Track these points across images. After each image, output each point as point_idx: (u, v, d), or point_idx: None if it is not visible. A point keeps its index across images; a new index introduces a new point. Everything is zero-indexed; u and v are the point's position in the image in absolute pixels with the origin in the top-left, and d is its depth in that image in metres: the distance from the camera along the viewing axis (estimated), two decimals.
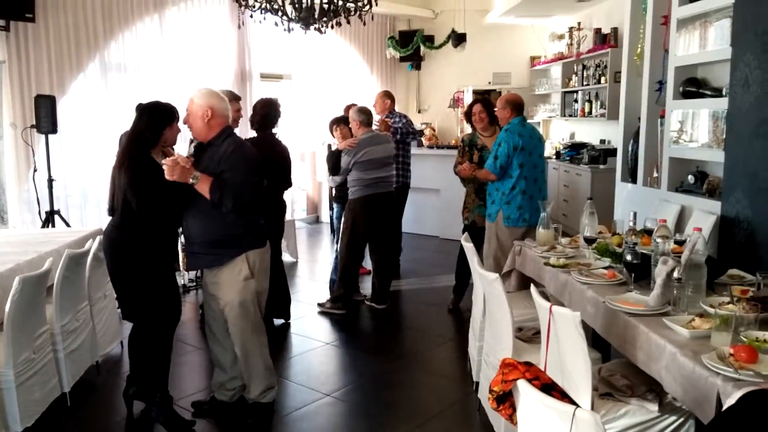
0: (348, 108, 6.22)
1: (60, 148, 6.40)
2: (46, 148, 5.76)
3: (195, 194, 3.04)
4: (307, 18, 4.55)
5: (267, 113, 4.49)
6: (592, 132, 8.34)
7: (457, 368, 4.09)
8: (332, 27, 4.73)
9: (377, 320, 5.08)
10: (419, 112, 10.49)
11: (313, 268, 7.02)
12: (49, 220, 5.76)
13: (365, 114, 5.12)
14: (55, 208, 5.84)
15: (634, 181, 5.70)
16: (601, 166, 7.31)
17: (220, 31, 7.79)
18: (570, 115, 8.80)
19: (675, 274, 2.41)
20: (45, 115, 5.62)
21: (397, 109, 6.76)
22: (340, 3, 4.58)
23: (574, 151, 8.12)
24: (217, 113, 3.11)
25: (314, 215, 9.70)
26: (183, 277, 5.82)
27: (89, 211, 6.89)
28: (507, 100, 4.65)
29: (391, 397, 3.71)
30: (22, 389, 2.96)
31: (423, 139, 8.96)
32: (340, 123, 5.35)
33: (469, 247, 3.57)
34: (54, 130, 5.71)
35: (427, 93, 10.52)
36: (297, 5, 4.52)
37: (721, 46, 4.52)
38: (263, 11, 4.58)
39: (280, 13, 4.55)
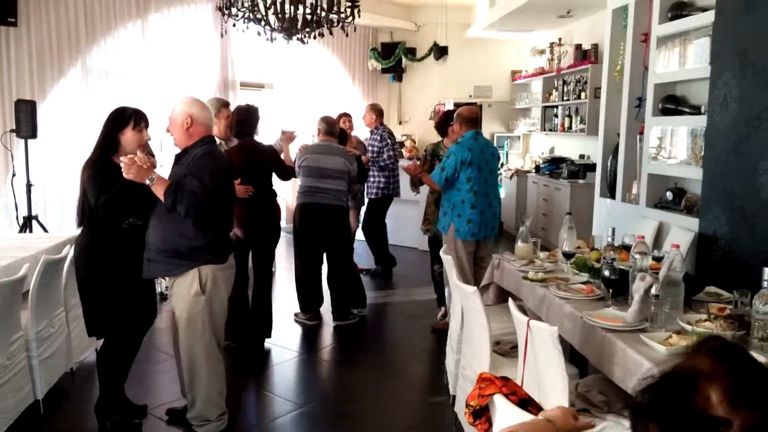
0: (339, 117, 6.28)
1: (39, 152, 6.32)
2: (26, 153, 5.68)
3: (156, 199, 2.97)
4: (290, 28, 4.55)
5: (243, 119, 4.45)
6: (572, 147, 8.43)
7: (433, 381, 4.09)
8: (315, 38, 4.75)
9: (354, 332, 5.06)
10: (400, 123, 10.53)
11: (291, 278, 6.96)
12: (26, 225, 5.68)
13: (325, 123, 5.17)
14: (33, 214, 5.76)
15: (612, 196, 5.76)
16: (581, 181, 7.39)
17: (203, 38, 7.76)
18: (550, 130, 8.89)
19: (653, 291, 2.44)
20: (25, 120, 5.55)
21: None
22: (323, 14, 4.59)
23: (554, 165, 8.19)
24: (197, 121, 3.05)
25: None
26: (160, 285, 5.76)
27: (67, 216, 6.80)
28: (458, 113, 4.69)
29: (366, 408, 3.71)
30: None
31: (403, 150, 8.99)
32: None
33: (447, 260, 3.59)
34: (34, 135, 5.64)
35: (408, 105, 10.56)
36: (280, 15, 4.52)
37: (700, 65, 4.60)
38: (246, 20, 4.58)
39: (263, 23, 4.55)
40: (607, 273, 2.78)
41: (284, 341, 4.79)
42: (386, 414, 3.64)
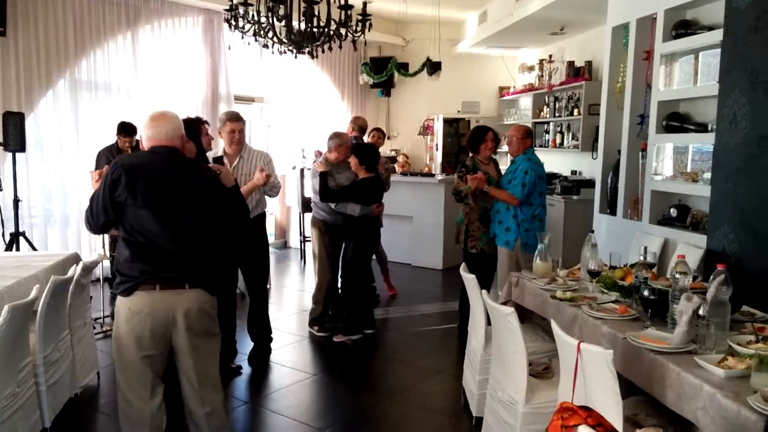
0: (371, 132, 6.47)
1: (25, 166, 6.12)
2: (13, 168, 5.47)
3: None
4: (300, 41, 4.47)
5: None
6: (563, 163, 8.46)
7: (450, 402, 3.98)
8: (323, 51, 4.67)
9: (363, 351, 4.93)
10: (388, 138, 10.47)
11: (281, 294, 6.85)
12: (13, 242, 5.46)
13: None
14: (20, 230, 5.54)
15: (613, 213, 5.77)
16: (575, 197, 7.41)
17: (192, 52, 7.63)
18: (540, 146, 8.90)
19: (700, 312, 2.39)
20: (13, 133, 5.35)
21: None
22: (333, 28, 4.52)
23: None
24: (144, 136, 2.79)
25: (282, 240, 9.52)
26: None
27: (53, 232, 6.59)
28: (526, 130, 4.86)
29: None
30: (6, 426, 2.74)
31: (396, 166, 8.94)
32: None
33: (470, 278, 3.52)
34: (22, 149, 5.45)
35: (396, 120, 10.53)
36: (289, 29, 4.43)
37: (706, 83, 4.64)
38: (254, 34, 4.48)
39: (271, 34, 4.45)
40: (646, 293, 2.74)
41: (293, 361, 4.66)
42: None
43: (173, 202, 2.64)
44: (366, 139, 6.32)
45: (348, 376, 4.51)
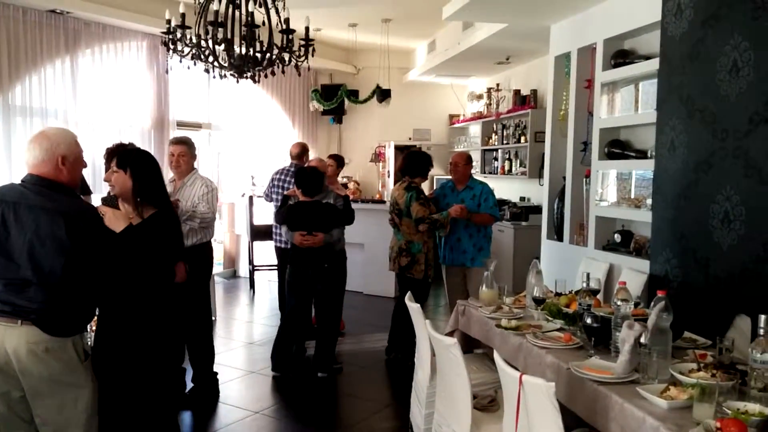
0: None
1: None
2: None
3: None
4: (240, 66, 4.37)
5: None
6: (512, 189, 8.53)
7: None
8: (266, 76, 4.58)
9: (311, 386, 4.76)
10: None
11: (230, 326, 6.64)
12: None
13: None
14: None
15: (560, 238, 5.80)
16: (524, 223, 7.45)
17: (136, 77, 7.44)
18: (490, 173, 8.98)
19: (642, 339, 2.36)
20: None
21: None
22: (275, 52, 4.44)
23: None
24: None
25: (231, 269, 9.30)
26: None
27: None
28: (468, 156, 5.35)
29: None
30: None
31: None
32: None
33: (416, 308, 3.43)
34: None
35: (348, 147, 10.48)
36: (230, 53, 4.34)
37: (645, 110, 4.73)
38: (193, 57, 4.37)
39: (211, 58, 4.34)
40: (589, 321, 2.70)
41: (234, 398, 4.47)
42: None
43: (14, 245, 2.44)
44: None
45: (293, 413, 4.33)
